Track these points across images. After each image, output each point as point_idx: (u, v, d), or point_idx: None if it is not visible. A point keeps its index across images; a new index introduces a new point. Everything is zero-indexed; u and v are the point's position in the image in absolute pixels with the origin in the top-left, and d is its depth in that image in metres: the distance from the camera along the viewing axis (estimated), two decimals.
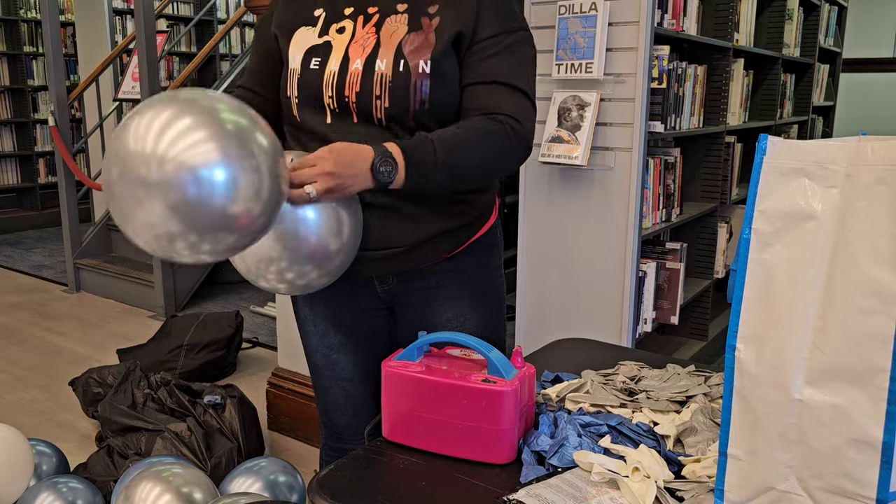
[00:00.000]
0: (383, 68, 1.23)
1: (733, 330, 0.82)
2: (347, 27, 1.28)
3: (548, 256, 2.31)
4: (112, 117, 5.40)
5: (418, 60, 1.22)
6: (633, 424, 1.04)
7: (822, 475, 0.77)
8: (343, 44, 1.26)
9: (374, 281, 1.37)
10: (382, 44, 1.24)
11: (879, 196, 0.74)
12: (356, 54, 1.25)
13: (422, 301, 1.37)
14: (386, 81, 1.23)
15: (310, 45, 1.28)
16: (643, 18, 2.06)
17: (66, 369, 3.33)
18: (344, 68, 1.25)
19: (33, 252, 5.78)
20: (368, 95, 1.23)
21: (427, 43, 1.23)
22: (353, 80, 1.24)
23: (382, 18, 1.26)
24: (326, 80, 1.25)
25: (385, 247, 1.28)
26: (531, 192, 2.29)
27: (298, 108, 1.29)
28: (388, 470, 1.02)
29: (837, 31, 5.13)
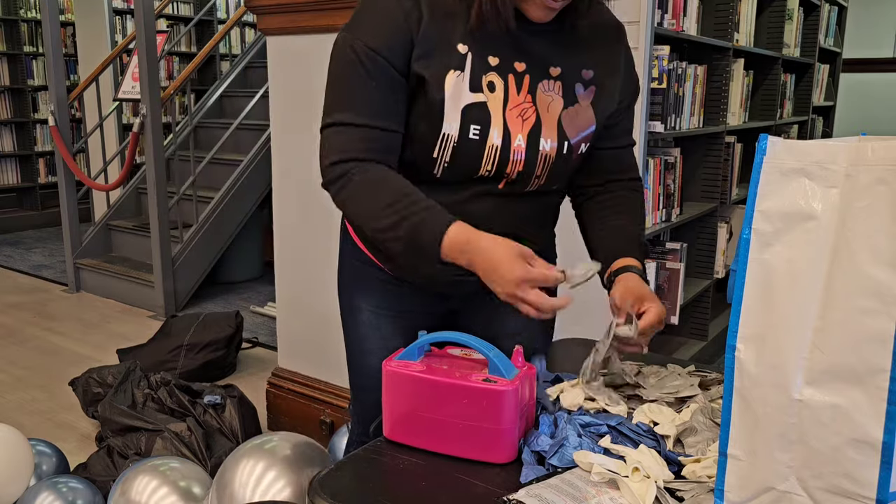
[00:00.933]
0: (548, 149, 1.20)
1: (733, 330, 0.82)
2: (497, 85, 1.17)
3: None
4: (112, 117, 5.40)
5: (581, 144, 1.23)
6: (632, 424, 1.04)
7: (822, 475, 0.77)
8: (498, 108, 1.16)
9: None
10: (542, 119, 1.19)
11: (879, 196, 0.74)
12: (516, 127, 1.17)
13: (490, 308, 1.35)
14: (549, 162, 1.21)
15: (465, 104, 1.15)
16: (643, 18, 2.06)
17: (65, 369, 3.33)
18: (507, 144, 1.17)
19: (33, 252, 5.78)
20: (530, 175, 1.21)
21: (586, 120, 1.22)
22: (516, 157, 1.18)
23: (534, 83, 1.18)
24: (487, 153, 1.17)
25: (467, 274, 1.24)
26: None
27: (445, 171, 1.19)
28: (388, 470, 1.02)
29: (837, 31, 5.13)
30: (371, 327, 1.39)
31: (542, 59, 1.19)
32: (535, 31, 1.17)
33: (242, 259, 4.83)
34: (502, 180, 1.21)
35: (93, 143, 5.40)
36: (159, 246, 4.16)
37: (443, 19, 1.15)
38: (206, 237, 4.39)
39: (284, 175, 2.64)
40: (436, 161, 1.18)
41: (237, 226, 4.54)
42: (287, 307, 2.75)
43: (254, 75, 5.62)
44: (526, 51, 1.18)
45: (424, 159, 1.19)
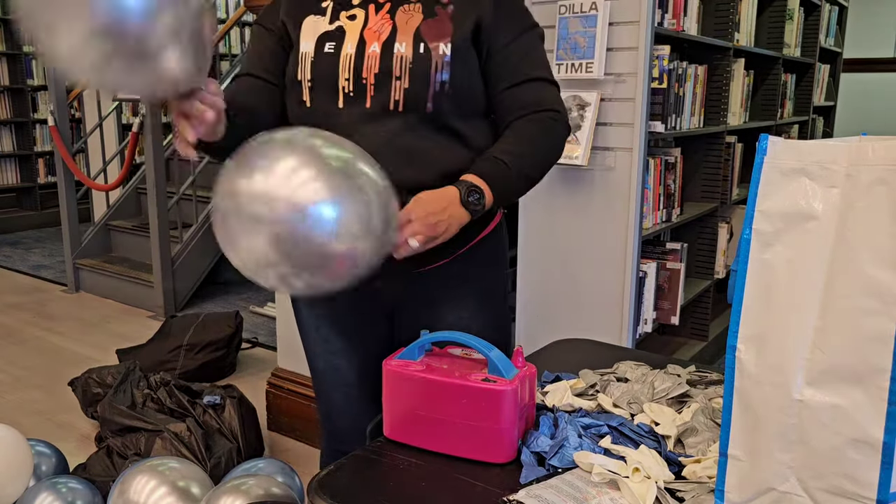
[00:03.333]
0: (403, 51, 1.23)
1: (734, 330, 0.81)
2: (359, 15, 1.28)
3: (548, 256, 2.30)
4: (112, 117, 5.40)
5: (438, 43, 1.24)
6: (633, 425, 1.03)
7: (822, 476, 0.77)
8: (357, 29, 1.26)
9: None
10: (399, 29, 1.25)
11: (880, 196, 0.74)
12: (372, 38, 1.25)
13: (425, 302, 1.36)
14: (406, 63, 1.23)
15: (322, 31, 1.28)
16: (643, 18, 2.06)
17: (65, 369, 3.33)
18: (361, 51, 1.24)
19: (33, 252, 5.78)
20: (387, 76, 1.23)
21: (445, 29, 1.25)
22: (371, 62, 1.24)
23: (395, 7, 1.27)
24: (343, 62, 1.25)
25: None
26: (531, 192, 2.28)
27: (310, 93, 1.28)
28: (388, 470, 1.01)
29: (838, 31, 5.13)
30: (311, 328, 1.44)
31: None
32: None
33: None
34: (365, 94, 1.24)
35: (92, 143, 5.40)
36: (159, 246, 4.16)
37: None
38: (205, 237, 4.39)
39: None
40: (300, 85, 1.28)
41: None
42: (287, 307, 2.74)
43: None
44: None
45: (294, 90, 1.30)
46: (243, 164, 0.99)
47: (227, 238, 1.01)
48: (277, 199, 0.95)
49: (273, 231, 0.95)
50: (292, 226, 0.95)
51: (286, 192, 0.95)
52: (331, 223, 0.96)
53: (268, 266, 0.99)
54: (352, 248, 0.99)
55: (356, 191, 0.99)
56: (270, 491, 1.81)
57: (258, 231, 0.96)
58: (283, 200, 0.95)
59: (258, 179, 0.96)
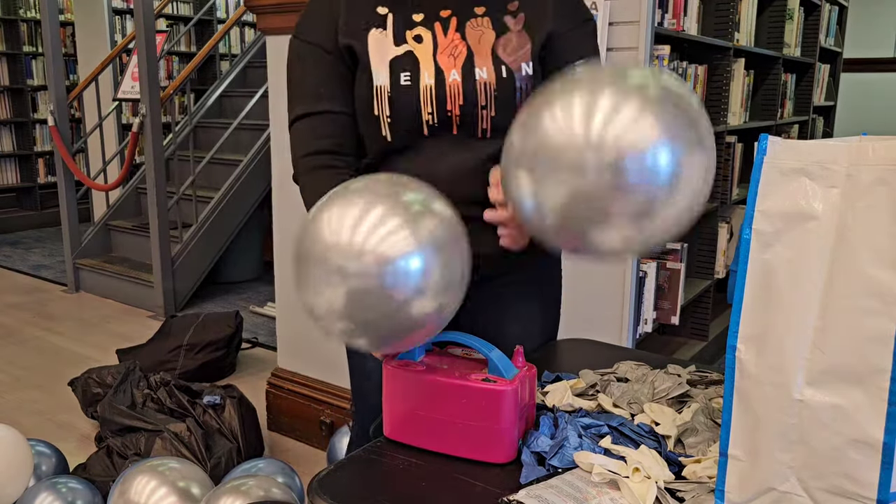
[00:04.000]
0: (485, 77, 1.17)
1: (734, 330, 0.81)
2: (424, 36, 1.19)
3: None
4: (112, 117, 5.40)
5: (520, 63, 1.19)
6: (633, 425, 1.03)
7: (822, 476, 0.77)
8: (428, 54, 1.18)
9: None
10: (475, 51, 1.18)
11: (880, 196, 0.74)
12: (448, 65, 1.17)
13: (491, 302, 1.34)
14: (490, 90, 1.18)
15: (392, 57, 1.18)
16: (643, 18, 2.06)
17: (65, 369, 3.33)
18: (441, 81, 1.17)
19: (33, 252, 5.78)
20: (473, 107, 1.18)
21: (521, 43, 1.19)
22: (453, 92, 1.17)
23: (462, 23, 1.19)
24: (423, 96, 1.17)
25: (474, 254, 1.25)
26: None
27: (391, 128, 1.20)
28: (388, 470, 1.01)
29: (838, 31, 5.13)
30: None
31: (467, 3, 1.21)
32: None
33: (242, 259, 4.83)
34: (451, 124, 1.19)
35: (92, 143, 5.40)
36: (159, 246, 4.16)
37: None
38: (205, 237, 4.39)
39: (284, 175, 2.64)
40: (378, 119, 1.20)
41: (237, 226, 4.54)
42: (287, 307, 2.75)
43: (253, 75, 5.62)
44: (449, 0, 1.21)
45: (370, 122, 1.21)
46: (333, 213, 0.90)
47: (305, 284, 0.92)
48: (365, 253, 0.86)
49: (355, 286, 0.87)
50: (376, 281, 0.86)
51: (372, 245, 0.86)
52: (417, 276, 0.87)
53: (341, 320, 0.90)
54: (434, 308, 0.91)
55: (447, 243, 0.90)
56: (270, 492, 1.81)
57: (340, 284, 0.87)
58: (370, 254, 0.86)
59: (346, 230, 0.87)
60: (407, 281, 0.86)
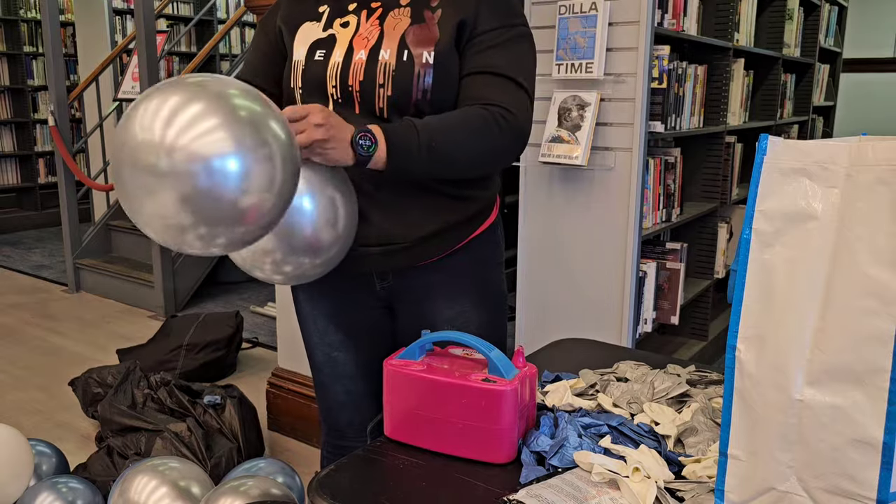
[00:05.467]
0: (387, 58, 1.25)
1: (733, 330, 0.81)
2: (352, 21, 1.30)
3: (548, 256, 2.30)
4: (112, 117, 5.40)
5: (421, 51, 1.25)
6: (633, 425, 1.04)
7: (822, 475, 0.77)
8: (347, 37, 1.29)
9: (373, 278, 1.37)
10: (386, 35, 1.27)
11: (880, 196, 0.74)
12: (360, 46, 1.27)
13: (422, 298, 1.37)
14: (389, 70, 1.25)
15: (315, 39, 1.31)
16: (643, 18, 2.06)
17: (65, 369, 3.33)
18: (348, 59, 1.27)
19: (33, 252, 5.78)
20: (372, 84, 1.25)
21: (430, 35, 1.26)
22: (356, 69, 1.26)
23: (386, 12, 1.29)
24: (330, 70, 1.28)
25: (386, 243, 1.29)
26: (531, 192, 2.28)
27: (302, 99, 1.31)
28: (388, 470, 1.02)
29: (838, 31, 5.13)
30: (309, 320, 1.45)
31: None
32: None
33: None
34: (353, 101, 1.26)
35: (93, 143, 5.40)
36: (159, 246, 4.16)
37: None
38: None
39: None
40: (294, 91, 1.31)
41: None
42: (287, 307, 2.75)
43: None
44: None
45: (288, 95, 1.33)
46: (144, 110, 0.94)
47: (126, 196, 0.96)
48: (176, 150, 0.91)
49: (176, 187, 0.91)
50: (196, 181, 0.91)
51: (185, 142, 0.91)
52: (235, 178, 0.93)
53: (178, 229, 0.95)
54: (260, 200, 0.96)
55: (261, 145, 0.95)
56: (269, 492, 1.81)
57: (160, 187, 0.92)
58: (182, 151, 0.91)
59: (158, 127, 0.92)
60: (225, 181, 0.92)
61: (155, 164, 0.91)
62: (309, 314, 1.44)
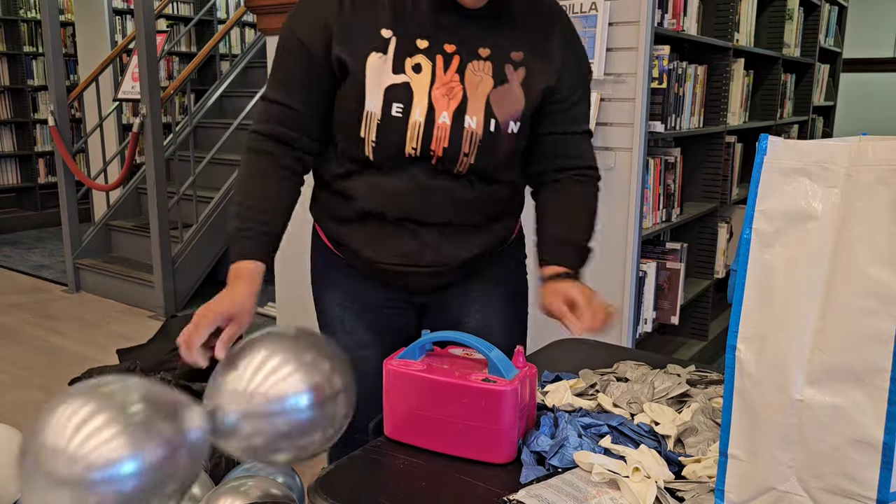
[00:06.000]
0: (473, 126, 1.20)
1: (734, 330, 0.82)
2: (424, 66, 1.19)
3: None
4: (112, 117, 5.40)
5: (508, 121, 1.22)
6: (633, 425, 1.04)
7: (822, 475, 0.77)
8: (424, 87, 1.19)
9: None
10: (470, 97, 1.20)
11: (880, 196, 0.74)
12: (441, 105, 1.19)
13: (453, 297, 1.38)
14: (476, 140, 1.21)
15: (388, 85, 1.18)
16: (643, 18, 2.06)
17: (66, 369, 3.33)
18: (430, 120, 1.19)
19: (33, 252, 5.78)
20: (456, 152, 1.21)
21: (515, 100, 1.22)
22: (440, 135, 1.20)
23: (464, 64, 1.20)
24: (411, 131, 1.20)
25: (438, 265, 1.30)
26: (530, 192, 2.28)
27: (374, 151, 1.22)
28: (388, 470, 1.02)
29: (838, 31, 5.13)
30: (336, 320, 1.43)
31: (473, 41, 1.21)
32: (467, 14, 1.20)
33: None
34: (432, 159, 1.22)
35: (93, 143, 5.40)
36: (159, 246, 4.16)
37: (368, 5, 1.21)
38: (206, 237, 4.39)
39: None
40: (363, 141, 1.22)
41: None
42: (287, 307, 2.75)
43: (254, 75, 5.62)
44: (457, 33, 1.21)
45: (352, 139, 1.23)
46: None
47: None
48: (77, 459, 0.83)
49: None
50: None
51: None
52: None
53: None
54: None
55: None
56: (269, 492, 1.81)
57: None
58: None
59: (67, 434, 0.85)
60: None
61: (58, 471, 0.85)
62: (336, 315, 1.42)
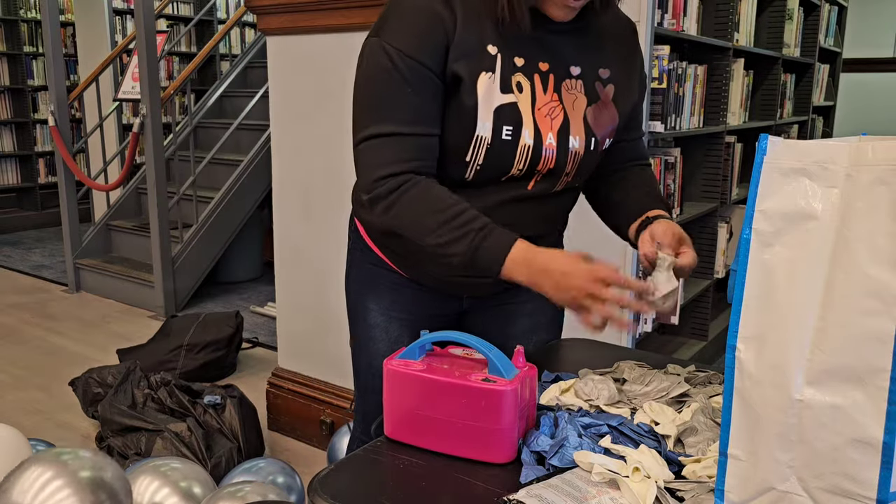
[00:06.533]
0: (577, 147, 1.22)
1: (733, 330, 0.81)
2: (524, 85, 1.18)
3: None
4: (112, 117, 5.40)
5: (606, 138, 1.26)
6: (633, 425, 1.04)
7: (822, 475, 0.77)
8: (528, 108, 1.18)
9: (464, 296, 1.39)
10: (570, 117, 1.21)
11: (880, 196, 0.74)
12: (546, 126, 1.19)
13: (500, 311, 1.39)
14: (577, 159, 1.23)
15: (497, 105, 1.16)
16: (643, 18, 2.06)
17: (66, 369, 3.33)
18: (538, 143, 1.19)
19: (33, 252, 5.78)
20: (560, 171, 1.23)
21: (610, 117, 1.25)
22: (548, 157, 1.20)
23: (558, 82, 1.20)
24: (520, 154, 1.18)
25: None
26: None
27: (477, 174, 1.19)
28: (388, 470, 1.02)
29: (837, 31, 5.13)
30: (380, 329, 1.40)
31: (563, 59, 1.21)
32: (555, 30, 1.19)
33: (242, 259, 4.83)
34: (532, 179, 1.23)
35: (93, 143, 5.40)
36: (159, 246, 4.16)
37: (475, 20, 1.15)
38: (206, 237, 4.39)
39: (284, 175, 2.64)
40: (468, 164, 1.18)
41: (237, 226, 4.54)
42: (287, 307, 2.75)
43: (254, 75, 5.62)
44: (548, 50, 1.20)
45: (456, 162, 1.18)
46: None
47: None
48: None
49: None
50: None
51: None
52: None
53: None
54: None
55: None
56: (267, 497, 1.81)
57: None
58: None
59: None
60: None
61: None
62: (380, 324, 1.39)
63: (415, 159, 1.16)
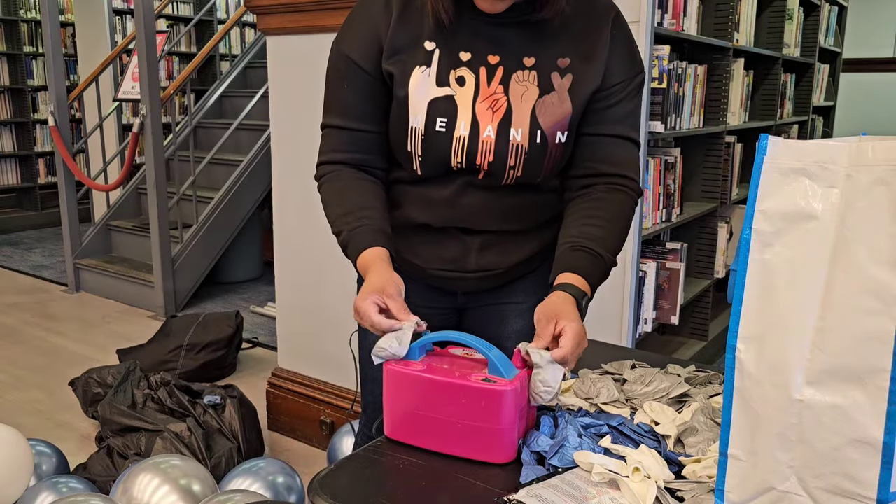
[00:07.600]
0: (519, 139, 1.18)
1: (733, 330, 0.81)
2: (468, 79, 1.18)
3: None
4: (112, 117, 5.40)
5: (556, 131, 1.19)
6: (633, 425, 1.04)
7: (822, 475, 0.77)
8: (468, 101, 1.18)
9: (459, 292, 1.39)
10: (514, 109, 1.18)
11: (880, 196, 0.74)
12: (486, 118, 1.18)
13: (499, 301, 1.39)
14: (522, 153, 1.19)
15: (432, 98, 1.18)
16: (643, 18, 2.06)
17: (66, 369, 3.33)
18: (475, 134, 1.18)
19: (33, 252, 5.78)
20: (502, 166, 1.20)
21: (562, 110, 1.19)
22: (485, 149, 1.19)
23: (508, 74, 1.18)
24: (455, 145, 1.19)
25: (484, 269, 1.31)
26: None
27: (421, 165, 1.23)
28: (388, 470, 1.02)
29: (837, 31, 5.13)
30: None
31: (517, 51, 1.19)
32: (507, 23, 1.19)
33: (242, 259, 4.84)
34: (479, 172, 1.22)
35: (93, 144, 5.40)
36: (159, 246, 4.16)
37: (415, 18, 1.20)
38: (206, 237, 4.39)
39: (284, 175, 2.64)
40: (411, 155, 1.23)
41: (237, 226, 4.54)
42: (287, 307, 2.75)
43: (254, 75, 5.62)
44: (500, 43, 1.19)
45: (402, 154, 1.25)
46: None
47: None
48: None
49: None
50: None
51: None
52: None
53: None
54: None
55: None
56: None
57: None
58: None
59: None
60: None
61: None
62: None
63: (349, 151, 1.26)
